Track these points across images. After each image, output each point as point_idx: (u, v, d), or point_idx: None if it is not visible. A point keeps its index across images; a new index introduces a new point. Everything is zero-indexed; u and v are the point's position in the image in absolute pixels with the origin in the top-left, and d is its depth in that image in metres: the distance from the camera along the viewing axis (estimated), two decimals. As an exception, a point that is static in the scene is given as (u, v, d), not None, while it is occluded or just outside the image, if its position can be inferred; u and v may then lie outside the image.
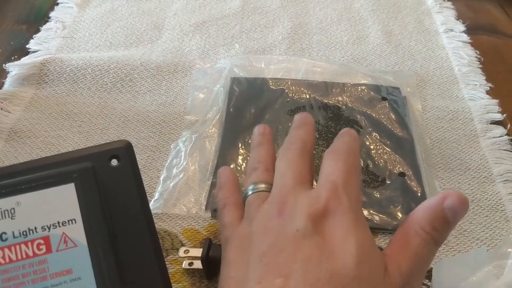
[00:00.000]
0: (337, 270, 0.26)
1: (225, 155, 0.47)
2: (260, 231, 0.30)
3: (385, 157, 0.47)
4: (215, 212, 0.43)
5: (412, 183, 0.45)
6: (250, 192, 0.35)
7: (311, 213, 0.29)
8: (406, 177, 0.45)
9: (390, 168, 0.46)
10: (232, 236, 0.33)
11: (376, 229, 0.42)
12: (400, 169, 0.46)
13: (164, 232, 0.41)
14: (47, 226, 0.31)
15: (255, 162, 0.37)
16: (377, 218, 0.42)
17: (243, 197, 0.36)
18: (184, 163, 0.47)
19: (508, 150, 0.49)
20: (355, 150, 0.33)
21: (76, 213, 0.32)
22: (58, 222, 0.31)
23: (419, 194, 0.44)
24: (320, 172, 0.32)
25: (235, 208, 0.36)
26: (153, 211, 0.42)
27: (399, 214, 0.42)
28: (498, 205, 0.44)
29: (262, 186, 0.34)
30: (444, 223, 0.29)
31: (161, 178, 0.46)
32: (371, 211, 0.42)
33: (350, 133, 0.35)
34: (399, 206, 0.43)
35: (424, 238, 0.29)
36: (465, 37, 0.63)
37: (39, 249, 0.30)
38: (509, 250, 0.36)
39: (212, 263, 0.37)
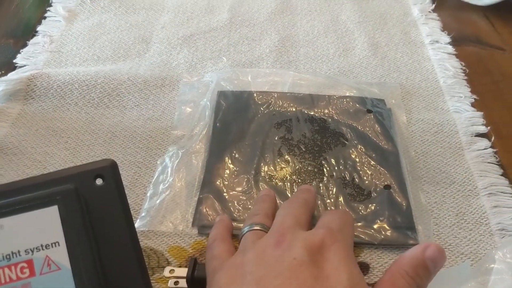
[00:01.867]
0: None
1: (212, 170, 0.47)
2: (256, 260, 0.32)
3: (371, 170, 0.47)
4: (202, 229, 0.43)
5: (397, 196, 0.45)
6: (246, 229, 0.36)
7: (308, 245, 0.31)
8: (391, 190, 0.45)
9: (375, 181, 0.46)
10: (222, 266, 0.34)
11: (362, 244, 0.42)
12: (386, 182, 0.46)
13: (150, 250, 0.41)
14: (30, 249, 0.31)
15: (257, 210, 0.39)
16: (363, 233, 0.42)
17: (239, 236, 0.37)
18: (171, 179, 0.47)
19: (492, 163, 0.49)
20: (351, 218, 0.37)
21: (60, 236, 0.32)
22: (42, 245, 0.31)
23: (404, 207, 0.44)
24: (317, 223, 0.35)
25: (225, 243, 0.37)
26: (139, 229, 0.43)
27: (386, 227, 0.42)
28: (482, 219, 0.44)
29: (259, 226, 0.36)
30: (425, 270, 0.32)
31: (148, 195, 0.46)
32: (357, 226, 0.43)
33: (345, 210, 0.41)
34: (384, 220, 0.43)
35: (409, 281, 0.31)
36: (451, 49, 0.64)
37: (22, 273, 0.30)
38: (492, 265, 0.36)
39: (197, 283, 0.37)
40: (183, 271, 0.37)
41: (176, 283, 0.38)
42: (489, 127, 0.53)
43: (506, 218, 0.44)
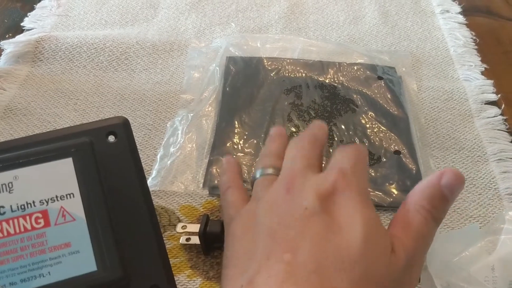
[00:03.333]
0: (345, 247, 0.27)
1: (222, 133, 0.47)
2: (268, 208, 0.30)
3: (381, 135, 0.47)
4: (212, 190, 0.43)
5: (407, 161, 0.45)
6: (258, 175, 0.35)
7: (320, 192, 0.29)
8: (401, 155, 0.46)
9: (385, 146, 0.46)
10: (237, 214, 0.33)
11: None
12: (396, 147, 0.46)
13: (162, 208, 0.42)
14: (45, 200, 0.31)
15: (267, 151, 0.37)
16: (373, 195, 0.42)
17: (251, 181, 0.36)
18: (181, 141, 0.47)
19: (502, 130, 0.49)
20: (364, 154, 0.33)
21: (74, 188, 0.32)
22: (56, 196, 0.31)
23: (414, 172, 0.44)
24: (329, 162, 0.32)
25: (239, 191, 0.36)
26: (150, 189, 0.42)
27: (395, 191, 0.43)
28: (491, 184, 0.45)
29: (270, 170, 0.35)
30: (442, 200, 0.29)
31: (158, 156, 0.46)
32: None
33: (359, 146, 0.36)
34: (394, 183, 0.43)
35: (425, 216, 0.29)
36: (461, 18, 0.63)
37: (37, 223, 0.30)
38: (502, 226, 0.36)
39: (209, 239, 0.37)
40: (195, 227, 0.37)
41: (188, 239, 0.38)
42: (499, 95, 0.53)
43: (515, 183, 0.44)
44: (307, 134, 0.36)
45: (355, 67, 0.54)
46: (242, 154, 0.45)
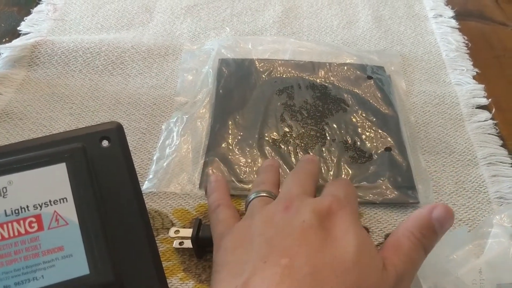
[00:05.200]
0: (339, 255, 0.29)
1: (216, 135, 0.48)
2: (265, 222, 0.32)
3: (372, 133, 0.48)
4: None
5: (398, 157, 0.46)
6: (253, 196, 0.37)
7: (316, 210, 0.31)
8: (392, 152, 0.46)
9: (376, 144, 0.47)
10: (229, 230, 0.34)
11: (364, 203, 0.43)
12: (386, 144, 0.47)
13: (155, 212, 0.42)
14: (38, 204, 0.32)
15: (261, 179, 0.39)
16: (365, 193, 0.43)
17: (245, 202, 0.37)
18: (177, 143, 0.47)
19: (492, 134, 0.50)
20: (353, 188, 0.37)
21: (67, 192, 0.32)
22: (50, 201, 0.32)
23: (404, 168, 0.45)
24: (322, 193, 0.35)
25: (229, 209, 0.37)
26: (148, 190, 0.43)
27: (386, 187, 0.44)
28: (481, 187, 0.45)
29: (265, 193, 0.37)
30: (431, 231, 0.31)
31: (155, 158, 0.46)
32: (360, 186, 0.44)
33: (347, 180, 0.40)
34: (385, 180, 0.44)
35: (414, 242, 0.31)
36: (454, 23, 0.64)
37: (31, 227, 0.31)
38: (490, 229, 0.37)
39: (202, 243, 0.38)
40: (188, 232, 0.38)
41: (181, 243, 0.38)
42: (490, 100, 0.53)
43: (504, 186, 0.45)
44: (303, 168, 0.39)
45: (345, 67, 0.55)
46: (237, 155, 0.46)
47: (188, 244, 0.38)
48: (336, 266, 0.28)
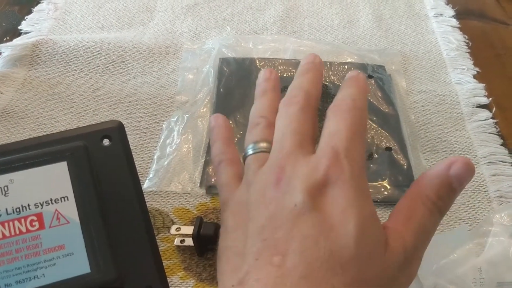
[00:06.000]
0: (336, 249, 0.25)
1: (216, 134, 0.48)
2: (258, 201, 0.29)
3: (372, 132, 0.48)
4: (209, 189, 0.44)
5: (398, 157, 0.46)
6: (250, 152, 0.32)
7: (310, 186, 0.27)
8: (392, 151, 0.47)
9: (377, 143, 0.47)
10: (230, 200, 0.32)
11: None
12: (387, 143, 0.47)
13: (155, 211, 0.42)
14: (40, 203, 0.32)
15: (257, 116, 0.34)
16: None
17: (242, 156, 0.33)
18: (178, 142, 0.47)
19: (492, 133, 0.50)
20: (362, 105, 0.31)
21: (69, 191, 0.32)
22: (51, 199, 0.32)
23: (405, 167, 0.45)
24: (322, 132, 0.30)
25: (232, 165, 0.34)
26: (148, 189, 0.44)
27: (387, 187, 0.44)
28: (481, 186, 0.45)
29: (262, 145, 0.32)
30: (449, 191, 0.28)
31: (155, 157, 0.46)
32: None
33: (358, 82, 0.33)
34: (386, 179, 0.44)
35: (430, 208, 0.27)
36: (454, 22, 0.64)
37: (32, 226, 0.31)
38: (490, 228, 0.37)
39: (203, 241, 0.38)
40: (189, 229, 0.38)
41: (182, 241, 0.38)
42: (490, 99, 0.53)
43: (504, 185, 0.45)
44: (297, 94, 0.33)
45: (346, 66, 0.55)
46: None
47: (189, 242, 0.38)
48: (333, 262, 0.25)
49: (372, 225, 0.27)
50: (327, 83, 0.53)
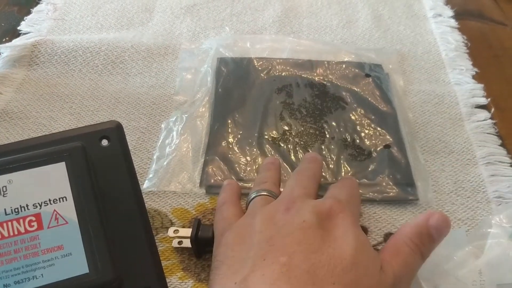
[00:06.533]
0: (337, 255, 0.29)
1: (216, 133, 0.48)
2: (266, 220, 0.33)
3: (371, 131, 0.48)
4: (209, 189, 0.44)
5: (397, 154, 0.46)
6: (254, 195, 0.37)
7: (317, 211, 0.32)
8: (391, 149, 0.47)
9: (375, 142, 0.47)
10: (231, 226, 0.35)
11: (365, 201, 0.43)
12: (385, 142, 0.47)
13: (154, 211, 0.42)
14: (38, 203, 0.32)
15: (262, 178, 0.40)
16: (365, 190, 0.44)
17: (246, 201, 0.38)
18: (177, 141, 0.47)
19: (491, 134, 0.50)
20: (357, 187, 0.39)
21: (67, 191, 0.32)
22: (50, 200, 0.32)
23: (403, 165, 0.45)
24: (325, 195, 0.36)
25: (234, 207, 0.38)
26: (148, 189, 0.44)
27: (386, 184, 0.44)
28: (480, 187, 0.45)
29: (267, 192, 0.37)
30: (428, 238, 0.32)
31: (155, 157, 0.46)
32: (359, 183, 0.44)
33: (352, 181, 0.40)
34: (385, 177, 0.44)
35: (412, 248, 0.32)
36: (453, 22, 0.64)
37: (30, 226, 0.31)
38: (489, 230, 0.37)
39: (201, 243, 0.38)
40: (187, 231, 0.38)
41: (180, 243, 0.38)
42: (489, 99, 0.53)
43: (503, 186, 0.45)
44: (305, 169, 0.39)
45: (343, 66, 0.55)
46: (237, 154, 0.46)
47: (187, 243, 0.38)
48: (333, 265, 0.29)
49: (369, 247, 0.31)
50: (325, 82, 0.53)
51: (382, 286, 0.30)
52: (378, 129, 0.49)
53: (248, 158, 0.46)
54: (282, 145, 0.47)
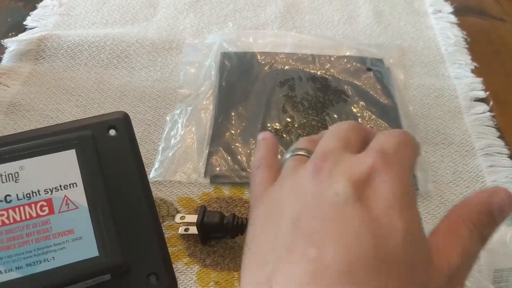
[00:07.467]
0: (381, 250, 0.23)
1: (220, 125, 0.49)
2: (292, 193, 0.26)
3: (372, 123, 0.49)
4: (214, 178, 0.45)
5: None
6: (288, 155, 0.30)
7: (354, 177, 0.24)
8: None
9: None
10: (261, 195, 0.29)
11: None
12: None
13: (160, 200, 0.43)
14: (49, 189, 0.33)
15: (301, 143, 0.32)
16: None
17: (281, 162, 0.31)
18: (182, 133, 0.48)
19: (490, 126, 0.51)
20: (412, 140, 0.28)
21: (77, 177, 0.33)
22: (60, 186, 0.33)
23: None
24: (369, 145, 0.28)
25: (269, 170, 0.32)
26: (154, 179, 0.45)
27: None
28: (478, 177, 0.46)
29: (302, 151, 0.30)
30: (490, 219, 0.26)
31: (160, 148, 0.47)
32: None
33: (404, 131, 0.30)
34: None
35: (471, 229, 0.26)
36: (453, 18, 0.65)
37: (42, 211, 0.32)
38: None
39: (206, 229, 0.39)
40: (193, 218, 0.39)
41: (186, 229, 0.39)
42: (488, 93, 0.54)
43: (501, 176, 0.46)
44: (343, 123, 0.31)
45: (345, 60, 0.56)
46: (240, 145, 0.47)
47: (193, 230, 0.39)
48: (376, 264, 0.22)
49: (419, 231, 0.24)
50: (326, 76, 0.54)
51: (434, 285, 0.24)
52: (379, 121, 0.50)
53: (251, 149, 0.47)
54: (285, 136, 0.48)
